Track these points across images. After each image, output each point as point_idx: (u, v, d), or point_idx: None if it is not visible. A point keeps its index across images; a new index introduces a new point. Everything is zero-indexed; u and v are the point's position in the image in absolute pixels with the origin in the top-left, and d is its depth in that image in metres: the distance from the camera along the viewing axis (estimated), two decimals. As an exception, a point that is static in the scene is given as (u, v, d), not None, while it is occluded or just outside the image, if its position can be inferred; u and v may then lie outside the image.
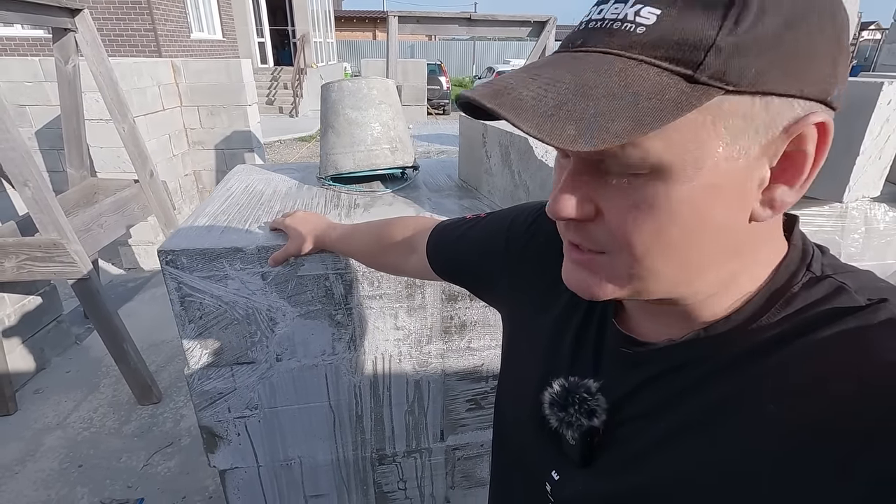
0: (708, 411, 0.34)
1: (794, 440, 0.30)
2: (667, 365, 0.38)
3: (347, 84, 1.27)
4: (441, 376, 1.16)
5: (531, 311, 0.51)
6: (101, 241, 2.43)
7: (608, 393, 0.40)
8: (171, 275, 0.96)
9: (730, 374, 0.34)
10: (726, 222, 0.32)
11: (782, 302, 0.34)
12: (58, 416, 2.32)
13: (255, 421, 1.13)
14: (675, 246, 0.32)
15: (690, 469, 0.34)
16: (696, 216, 0.31)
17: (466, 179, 1.40)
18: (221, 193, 1.27)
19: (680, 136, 0.29)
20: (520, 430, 0.50)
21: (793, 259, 0.36)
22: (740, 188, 0.31)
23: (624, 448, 0.39)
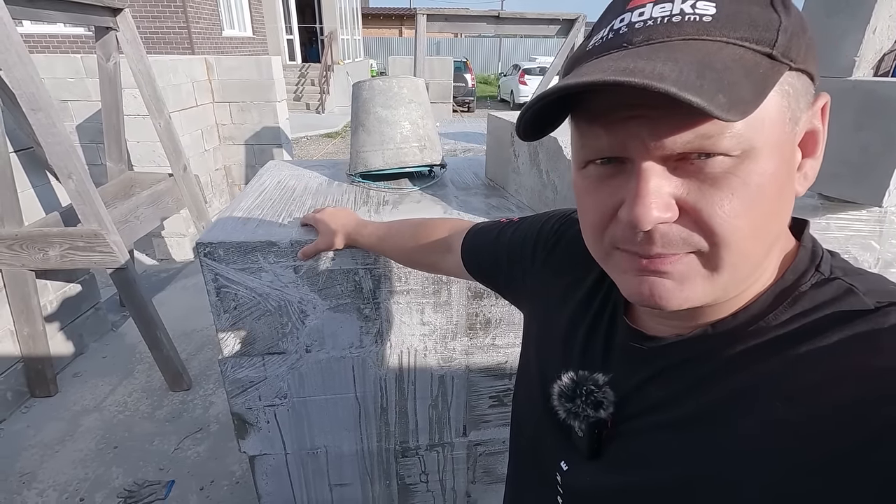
0: (713, 408, 0.34)
1: (801, 439, 0.29)
2: (674, 360, 0.38)
3: (378, 83, 1.29)
4: (465, 372, 1.17)
5: (549, 309, 0.53)
6: (138, 233, 2.52)
7: (616, 387, 0.41)
8: (209, 266, 1.00)
9: (736, 371, 0.34)
10: (790, 196, 0.33)
11: (789, 301, 0.34)
12: (95, 398, 2.42)
13: (284, 410, 1.16)
14: (765, 223, 0.32)
15: (696, 464, 0.34)
16: (778, 190, 0.32)
17: (493, 178, 1.41)
18: (255, 189, 1.31)
19: (761, 113, 0.29)
20: (531, 422, 0.51)
21: (802, 259, 0.36)
22: (792, 165, 0.33)
23: (631, 442, 0.39)
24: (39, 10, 2.07)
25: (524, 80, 13.18)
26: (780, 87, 0.30)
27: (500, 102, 15.21)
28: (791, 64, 0.30)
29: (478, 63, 20.28)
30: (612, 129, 0.32)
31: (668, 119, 0.30)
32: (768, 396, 0.32)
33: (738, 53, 0.29)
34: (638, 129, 0.31)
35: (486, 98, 16.21)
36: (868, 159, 1.04)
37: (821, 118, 0.34)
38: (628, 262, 0.35)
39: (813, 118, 0.34)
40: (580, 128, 0.35)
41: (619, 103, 0.31)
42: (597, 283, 0.48)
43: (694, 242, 0.33)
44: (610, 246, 0.36)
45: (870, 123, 1.04)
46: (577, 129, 0.36)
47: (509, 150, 1.27)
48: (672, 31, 0.31)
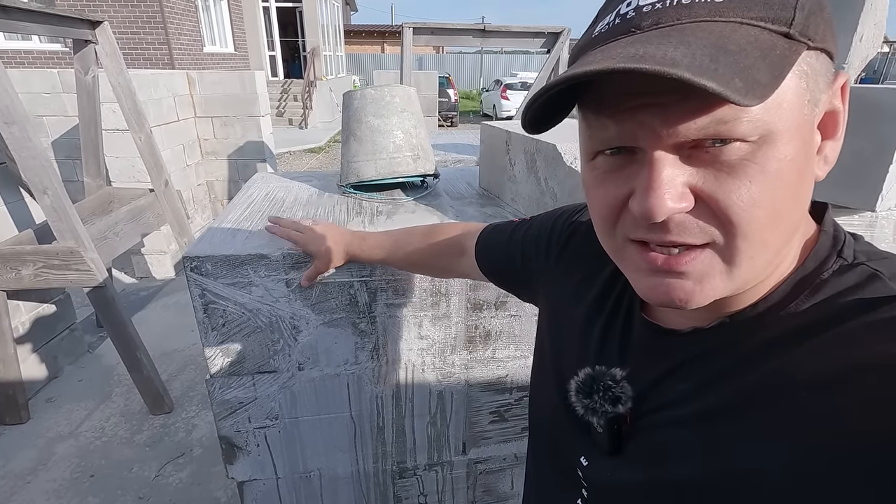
0: (734, 400, 0.33)
1: (826, 430, 0.28)
2: (693, 353, 0.37)
3: (370, 92, 1.27)
4: (464, 387, 1.13)
5: (564, 305, 0.52)
6: (117, 250, 2.44)
7: (634, 382, 0.40)
8: (196, 281, 0.95)
9: (757, 362, 0.33)
10: (809, 181, 0.32)
11: (811, 289, 0.33)
12: (70, 424, 2.30)
13: (276, 431, 1.11)
14: (784, 211, 0.31)
15: (718, 458, 0.33)
16: (798, 175, 0.31)
17: (488, 188, 1.39)
18: (243, 200, 1.27)
19: (779, 96, 0.28)
20: (549, 419, 0.50)
21: (823, 245, 0.35)
22: (813, 145, 0.32)
23: (651, 436, 0.38)
24: (16, 23, 2.01)
25: (506, 94, 13.38)
26: (799, 68, 0.29)
27: (482, 117, 15.37)
28: (809, 43, 0.29)
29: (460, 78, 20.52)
30: (621, 119, 0.31)
31: (681, 105, 0.29)
32: (791, 387, 0.30)
33: (753, 34, 0.28)
34: (649, 118, 0.30)
35: (469, 113, 16.38)
36: (861, 165, 1.05)
37: (841, 98, 0.33)
38: (643, 257, 0.34)
39: (833, 98, 0.32)
40: (587, 118, 0.34)
41: (629, 91, 0.30)
42: (612, 278, 0.48)
43: (710, 233, 0.31)
44: (623, 239, 0.35)
45: (861, 129, 1.04)
46: (585, 120, 0.34)
47: (504, 159, 1.25)
48: (682, 14, 0.29)
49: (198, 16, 9.26)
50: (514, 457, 1.24)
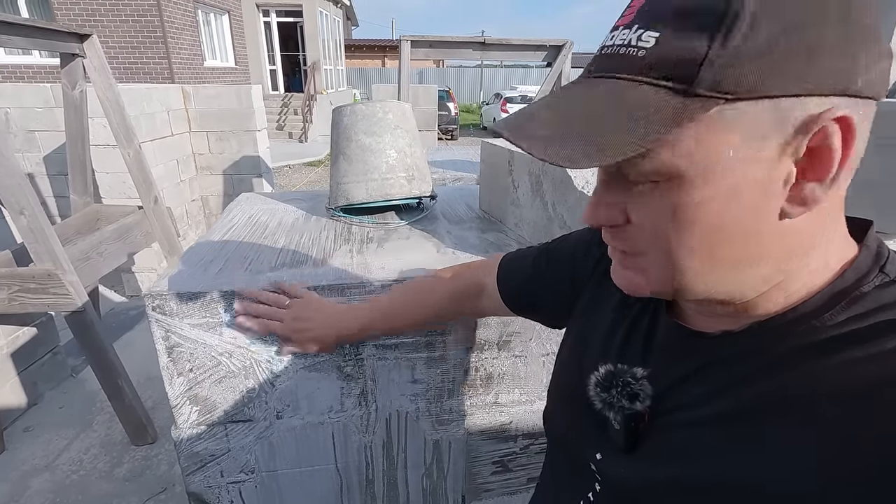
0: (754, 405, 0.33)
1: (846, 443, 0.28)
2: (718, 355, 0.37)
3: (361, 108, 1.17)
4: (463, 436, 1.02)
5: (590, 312, 0.54)
6: (101, 271, 2.33)
7: (655, 381, 0.41)
8: (159, 322, 0.83)
9: (785, 368, 0.33)
10: (751, 222, 0.33)
11: (848, 301, 0.33)
12: (47, 456, 2.17)
13: (252, 486, 0.99)
14: (700, 247, 0.34)
15: (733, 462, 0.33)
16: (714, 218, 0.33)
17: (489, 210, 1.28)
18: (222, 226, 1.16)
19: (686, 145, 0.31)
20: (566, 414, 0.51)
21: (864, 260, 0.35)
22: (761, 189, 0.32)
23: (667, 436, 0.38)
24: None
25: (506, 108, 13.38)
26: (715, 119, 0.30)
27: (482, 130, 15.38)
28: (724, 97, 0.29)
29: (460, 92, 20.59)
30: None
31: None
32: (815, 397, 0.31)
33: (644, 95, 0.31)
34: None
35: (469, 126, 16.40)
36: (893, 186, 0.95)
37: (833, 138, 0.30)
38: (611, 252, 0.41)
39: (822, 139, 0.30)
40: None
41: None
42: None
43: (638, 246, 0.37)
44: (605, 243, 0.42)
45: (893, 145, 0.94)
46: None
47: (507, 180, 1.15)
48: (613, 65, 0.33)
49: (198, 30, 9.28)
50: (532, 471, 1.11)
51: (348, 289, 0.86)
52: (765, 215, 0.32)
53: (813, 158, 0.31)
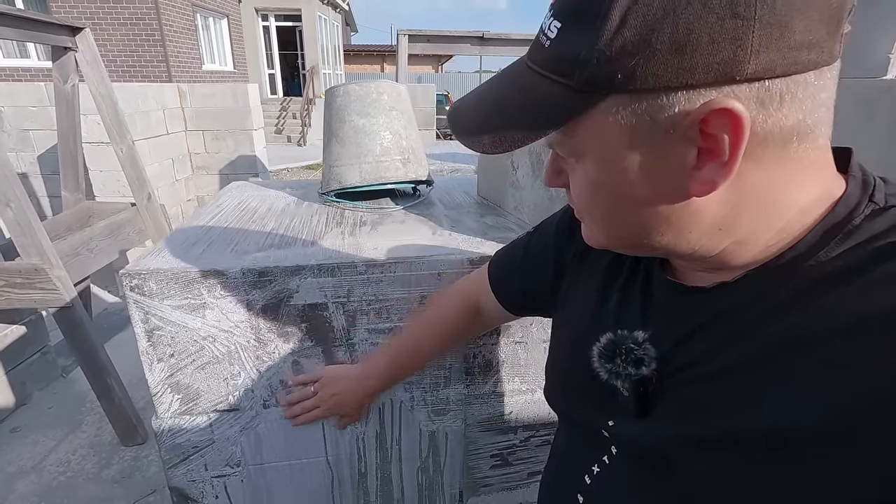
0: (763, 352, 0.33)
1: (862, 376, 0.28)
2: (718, 308, 0.37)
3: (354, 88, 1.13)
4: (461, 427, 0.97)
5: (579, 277, 0.54)
6: (91, 267, 2.28)
7: (657, 342, 0.41)
8: (137, 303, 0.79)
9: (785, 311, 0.33)
10: (656, 198, 0.35)
11: (842, 235, 0.33)
12: (33, 458, 2.11)
13: (237, 480, 0.93)
14: (614, 214, 0.38)
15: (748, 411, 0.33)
16: (617, 194, 0.36)
17: (487, 196, 1.24)
18: (210, 211, 1.12)
19: (583, 133, 0.35)
20: (572, 389, 0.51)
21: (852, 192, 0.34)
22: (658, 171, 0.34)
23: (678, 394, 0.38)
24: (-15, 26, 1.89)
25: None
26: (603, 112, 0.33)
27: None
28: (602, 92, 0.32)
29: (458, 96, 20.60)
30: None
31: None
32: (822, 335, 0.30)
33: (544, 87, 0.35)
34: None
35: (468, 130, 16.38)
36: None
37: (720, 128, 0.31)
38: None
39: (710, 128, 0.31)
40: None
41: None
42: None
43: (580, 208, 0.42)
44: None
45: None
46: None
47: (506, 162, 1.10)
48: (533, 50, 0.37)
49: (197, 34, 9.28)
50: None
51: (338, 268, 0.82)
52: (667, 196, 0.34)
53: (711, 142, 0.31)
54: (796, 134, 0.32)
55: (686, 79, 0.30)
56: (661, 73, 0.30)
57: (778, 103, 0.31)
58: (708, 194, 0.33)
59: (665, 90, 0.31)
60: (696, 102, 0.31)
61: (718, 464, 0.34)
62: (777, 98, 0.30)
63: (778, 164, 0.33)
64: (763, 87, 0.30)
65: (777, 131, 0.31)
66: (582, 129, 0.34)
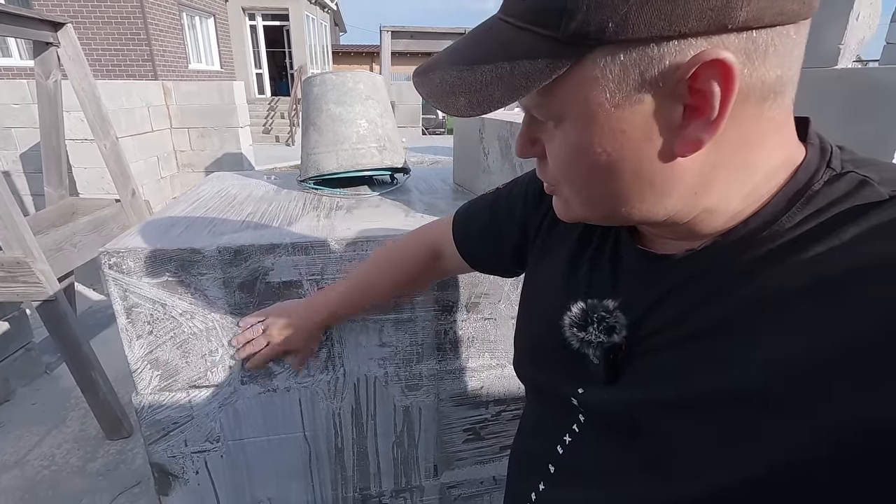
0: (730, 317, 0.34)
1: (826, 337, 0.29)
2: (687, 274, 0.38)
3: (331, 77, 1.16)
4: (434, 402, 1.00)
5: (547, 249, 0.54)
6: (74, 262, 2.28)
7: (627, 310, 0.41)
8: (116, 280, 0.82)
9: (751, 277, 0.34)
10: (643, 158, 0.34)
11: (803, 201, 0.33)
12: (17, 452, 2.11)
13: (217, 456, 0.96)
14: (597, 181, 0.36)
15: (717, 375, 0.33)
16: (604, 156, 0.34)
17: (462, 183, 1.28)
18: (190, 197, 1.14)
19: (563, 91, 0.33)
20: (541, 359, 0.51)
21: (811, 159, 0.35)
22: (642, 129, 0.32)
23: (647, 361, 0.39)
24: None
25: (494, 111, 13.44)
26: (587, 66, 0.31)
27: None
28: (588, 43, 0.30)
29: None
30: None
31: None
32: (789, 297, 0.31)
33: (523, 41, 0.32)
34: None
35: (458, 130, 16.44)
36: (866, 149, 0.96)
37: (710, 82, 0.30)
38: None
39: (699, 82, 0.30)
40: None
41: None
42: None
43: (553, 177, 0.40)
44: None
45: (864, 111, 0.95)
46: None
47: (478, 150, 1.14)
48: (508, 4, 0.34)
49: (183, 33, 9.22)
50: (493, 480, 1.10)
51: (311, 247, 0.85)
52: (652, 156, 0.33)
53: (697, 99, 0.31)
54: (773, 91, 0.32)
55: (679, 27, 0.29)
56: (653, 21, 0.29)
57: (762, 56, 0.30)
58: (693, 153, 0.33)
59: (656, 40, 0.29)
60: (686, 54, 0.30)
61: (688, 425, 0.35)
62: (762, 50, 0.30)
63: (752, 123, 0.33)
64: (750, 39, 0.29)
65: (759, 87, 0.31)
66: (564, 87, 0.32)
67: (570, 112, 0.33)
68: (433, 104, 0.35)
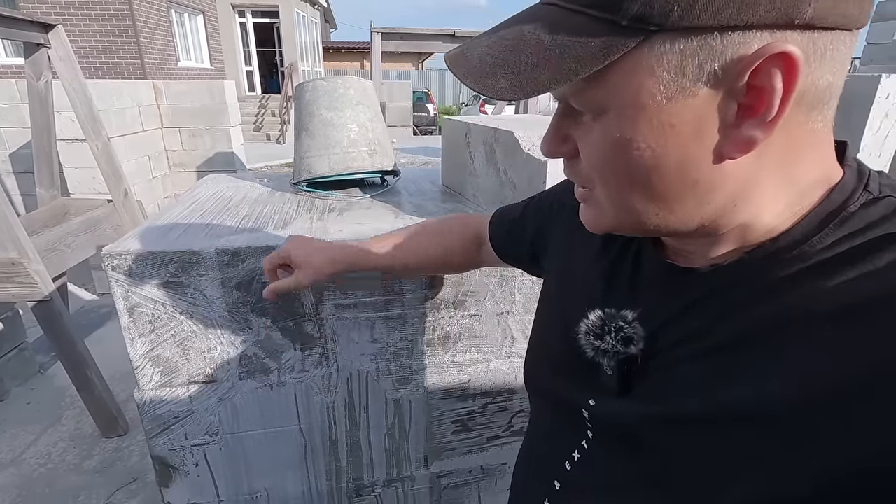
0: (752, 333, 0.33)
1: (848, 361, 0.28)
2: (710, 288, 0.36)
3: (322, 83, 1.20)
4: (424, 395, 1.05)
5: (567, 261, 0.53)
6: (68, 262, 2.30)
7: (646, 322, 0.40)
8: (118, 281, 0.85)
9: (777, 294, 0.32)
10: (689, 159, 0.32)
11: (837, 222, 0.32)
12: (13, 451, 2.13)
13: (216, 448, 1.01)
14: (638, 181, 0.33)
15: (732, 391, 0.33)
16: (649, 153, 0.32)
17: (450, 185, 1.33)
18: (187, 199, 1.18)
19: (615, 79, 0.31)
20: (554, 366, 0.50)
21: (848, 180, 0.34)
22: (694, 126, 0.31)
23: (663, 374, 0.38)
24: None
25: (484, 109, 13.48)
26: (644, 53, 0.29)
27: (462, 131, 15.43)
28: (649, 28, 0.28)
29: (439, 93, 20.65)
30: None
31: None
32: (814, 319, 0.30)
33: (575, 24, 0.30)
34: None
35: (449, 127, 16.44)
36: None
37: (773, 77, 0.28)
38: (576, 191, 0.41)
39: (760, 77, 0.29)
40: None
41: None
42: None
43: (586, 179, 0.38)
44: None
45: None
46: None
47: (465, 153, 1.19)
48: None
49: (172, 31, 9.16)
50: (481, 469, 1.16)
51: (306, 248, 0.89)
52: (699, 153, 0.31)
53: (753, 97, 0.29)
54: (821, 100, 0.31)
55: (747, 16, 0.27)
56: (722, 9, 0.27)
57: (820, 60, 0.29)
58: (742, 155, 0.31)
59: (721, 30, 0.28)
60: (751, 46, 0.28)
61: (701, 440, 0.34)
62: (820, 53, 0.29)
63: (798, 132, 0.31)
64: (811, 39, 0.28)
65: (812, 91, 0.30)
66: (615, 75, 0.30)
67: (617, 102, 0.31)
68: (470, 85, 0.33)
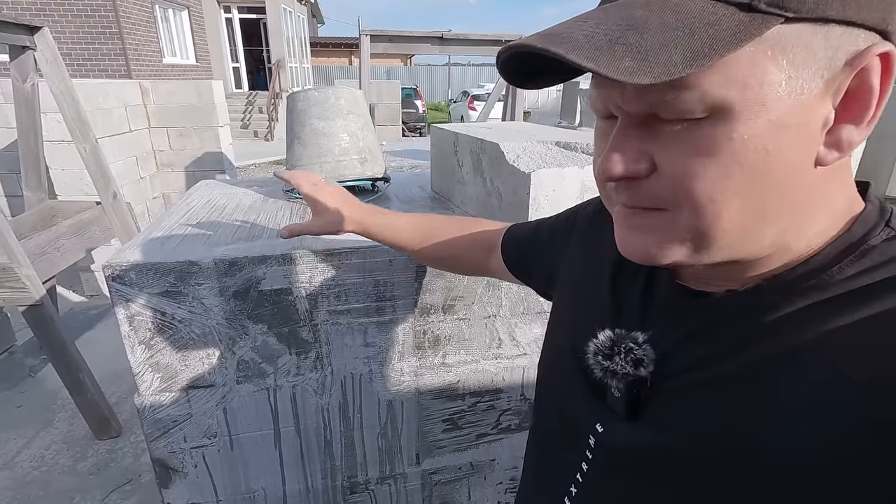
0: (764, 363, 0.32)
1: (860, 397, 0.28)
2: (723, 315, 0.35)
3: (314, 94, 1.23)
4: (415, 395, 1.10)
5: (579, 279, 0.52)
6: (58, 266, 2.30)
7: (656, 344, 0.38)
8: (119, 292, 0.88)
9: (792, 326, 0.32)
10: (794, 164, 0.30)
11: (857, 255, 0.31)
12: (5, 455, 2.14)
13: (214, 450, 1.04)
14: (742, 192, 0.30)
15: (742, 422, 0.32)
16: (762, 157, 0.29)
17: (439, 191, 1.37)
18: (181, 208, 1.21)
19: (740, 71, 0.27)
20: (562, 385, 0.49)
21: (870, 214, 0.33)
22: (805, 127, 0.29)
23: (672, 400, 0.37)
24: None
25: (473, 105, 13.51)
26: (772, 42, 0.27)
27: (451, 128, 15.42)
28: (785, 14, 0.26)
29: (428, 90, 20.64)
30: (598, 89, 0.34)
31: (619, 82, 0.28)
32: (828, 353, 0.30)
33: (699, 6, 0.27)
34: (610, 91, 0.32)
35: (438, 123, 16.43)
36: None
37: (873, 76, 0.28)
38: (620, 215, 0.36)
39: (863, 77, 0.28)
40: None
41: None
42: None
43: (662, 200, 0.32)
44: (607, 197, 0.38)
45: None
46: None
47: (453, 161, 1.23)
48: None
49: (156, 27, 9.03)
50: (471, 466, 1.20)
51: (300, 257, 0.93)
52: (803, 158, 0.30)
53: (851, 98, 0.29)
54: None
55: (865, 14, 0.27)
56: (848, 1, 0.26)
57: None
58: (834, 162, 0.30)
59: (841, 24, 0.27)
60: (861, 43, 0.27)
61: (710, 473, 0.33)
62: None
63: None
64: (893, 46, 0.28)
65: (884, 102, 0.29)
66: (740, 64, 0.27)
67: (736, 97, 0.28)
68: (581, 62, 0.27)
